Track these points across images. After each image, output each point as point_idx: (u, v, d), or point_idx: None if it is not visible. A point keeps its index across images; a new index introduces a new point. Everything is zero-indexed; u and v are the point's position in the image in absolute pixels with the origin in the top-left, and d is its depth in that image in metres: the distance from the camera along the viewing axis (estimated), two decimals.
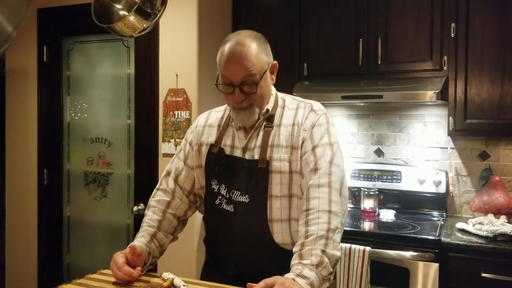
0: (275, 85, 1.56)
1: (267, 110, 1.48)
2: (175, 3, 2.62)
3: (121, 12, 1.45)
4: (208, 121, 1.60)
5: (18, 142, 3.21)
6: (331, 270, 1.24)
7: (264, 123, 1.47)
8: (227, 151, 1.50)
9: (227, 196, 1.46)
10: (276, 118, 1.48)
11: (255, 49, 1.40)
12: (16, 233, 3.23)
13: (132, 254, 1.37)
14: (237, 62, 1.38)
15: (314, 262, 1.21)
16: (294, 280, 1.16)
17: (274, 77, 1.50)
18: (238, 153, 1.48)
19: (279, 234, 1.41)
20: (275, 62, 1.49)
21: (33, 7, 3.12)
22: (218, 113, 1.61)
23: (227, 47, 1.40)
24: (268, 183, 1.41)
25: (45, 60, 3.15)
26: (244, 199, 1.43)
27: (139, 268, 1.37)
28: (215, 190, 1.49)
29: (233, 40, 1.40)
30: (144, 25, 1.45)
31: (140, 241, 1.47)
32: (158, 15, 1.46)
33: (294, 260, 1.25)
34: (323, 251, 1.23)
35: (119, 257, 1.37)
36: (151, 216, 1.55)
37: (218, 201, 1.48)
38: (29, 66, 3.16)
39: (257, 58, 1.39)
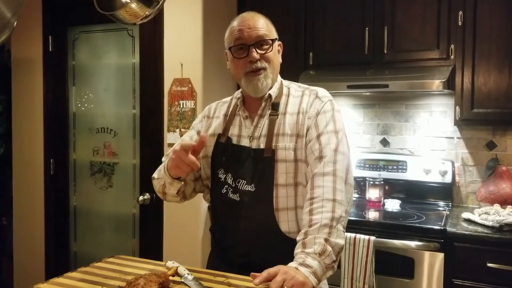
0: (281, 75, 1.55)
1: (270, 96, 1.48)
2: None
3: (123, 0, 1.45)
4: (216, 112, 1.60)
5: (24, 132, 3.23)
6: (335, 258, 1.24)
7: (269, 112, 1.47)
8: (234, 140, 1.50)
9: (233, 185, 1.46)
10: (281, 106, 1.48)
11: (264, 19, 1.49)
12: (23, 223, 3.26)
13: (201, 142, 1.36)
14: (251, 22, 1.45)
15: (317, 250, 1.21)
16: (297, 269, 1.16)
17: (280, 57, 1.54)
18: (245, 142, 1.48)
19: (285, 223, 1.41)
20: (280, 42, 1.54)
21: None
22: (225, 103, 1.61)
23: (237, 19, 1.49)
24: (273, 172, 1.41)
25: (50, 50, 3.16)
26: (250, 188, 1.43)
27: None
28: (221, 179, 1.49)
29: (242, 14, 1.50)
30: (146, 12, 1.44)
31: None
32: (161, 2, 1.45)
33: (298, 249, 1.25)
34: (326, 240, 1.23)
35: (188, 145, 1.34)
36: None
37: (225, 190, 1.48)
38: (35, 56, 3.16)
39: (267, 24, 1.48)
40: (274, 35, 1.49)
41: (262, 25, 1.45)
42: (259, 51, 1.44)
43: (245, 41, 1.43)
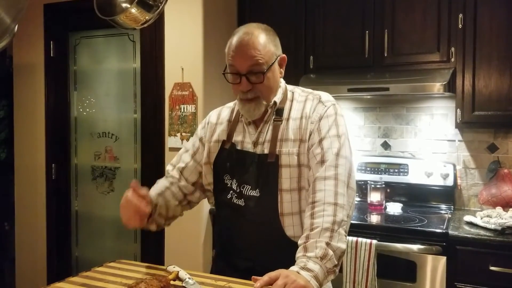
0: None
1: (275, 102, 1.47)
2: None
3: (123, 5, 1.45)
4: (220, 119, 1.59)
5: (26, 137, 3.24)
6: (336, 262, 1.23)
7: (273, 117, 1.47)
8: (238, 146, 1.50)
9: (238, 190, 1.46)
10: (285, 112, 1.47)
11: (263, 39, 1.40)
12: (25, 227, 3.26)
13: (134, 189, 1.37)
14: (244, 50, 1.38)
15: (319, 254, 1.21)
16: (298, 273, 1.16)
17: (282, 70, 1.50)
18: (249, 147, 1.48)
19: (290, 227, 1.41)
20: (284, 55, 1.49)
21: (39, 3, 3.14)
22: (228, 109, 1.61)
23: (235, 37, 1.42)
24: (278, 177, 1.40)
25: (52, 55, 3.17)
26: (255, 193, 1.43)
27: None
28: (228, 185, 1.49)
29: (242, 31, 1.42)
30: (147, 17, 1.45)
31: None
32: (160, 7, 1.46)
33: (299, 253, 1.24)
34: (327, 244, 1.22)
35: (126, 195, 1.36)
36: (156, 185, 1.58)
37: (229, 196, 1.48)
38: (36, 61, 3.18)
39: (264, 48, 1.40)
40: (272, 58, 1.42)
41: (260, 50, 1.39)
42: (252, 80, 1.40)
43: (238, 70, 1.40)
